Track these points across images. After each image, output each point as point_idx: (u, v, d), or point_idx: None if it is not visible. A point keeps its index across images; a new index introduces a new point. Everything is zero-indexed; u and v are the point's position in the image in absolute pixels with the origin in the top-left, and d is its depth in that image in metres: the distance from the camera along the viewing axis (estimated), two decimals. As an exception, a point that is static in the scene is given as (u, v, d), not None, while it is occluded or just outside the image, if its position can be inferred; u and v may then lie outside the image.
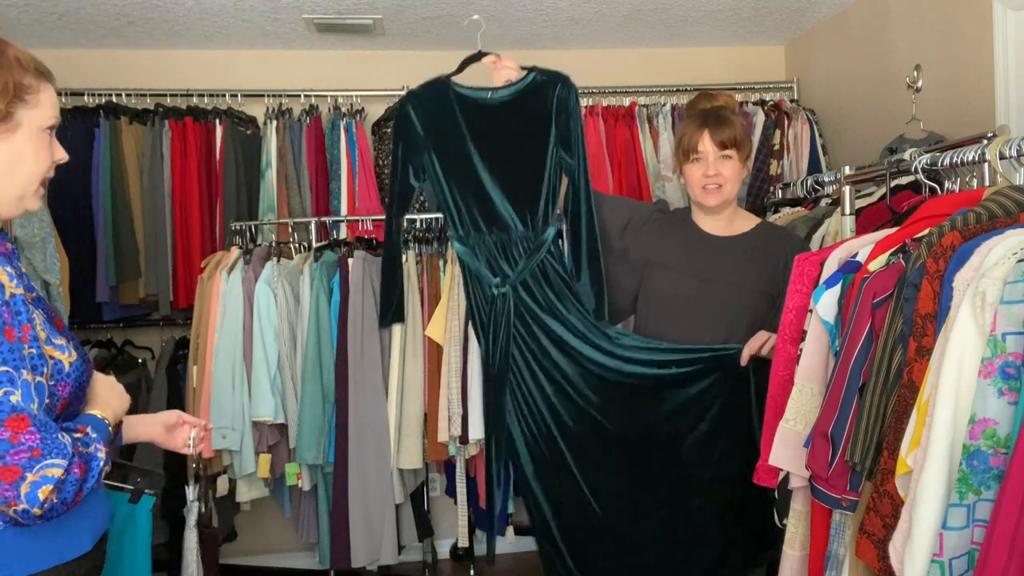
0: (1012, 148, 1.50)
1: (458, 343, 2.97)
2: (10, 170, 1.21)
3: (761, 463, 1.82)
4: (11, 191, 1.23)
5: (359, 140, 3.54)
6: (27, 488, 1.07)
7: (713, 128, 2.09)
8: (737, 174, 2.12)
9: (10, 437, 1.06)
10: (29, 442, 1.07)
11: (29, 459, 1.07)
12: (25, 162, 1.23)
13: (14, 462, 1.07)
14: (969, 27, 2.61)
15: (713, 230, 2.20)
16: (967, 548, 1.18)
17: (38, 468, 1.08)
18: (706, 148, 2.09)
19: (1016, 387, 1.14)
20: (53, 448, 1.09)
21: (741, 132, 2.12)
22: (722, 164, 2.09)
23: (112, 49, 3.63)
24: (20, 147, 1.21)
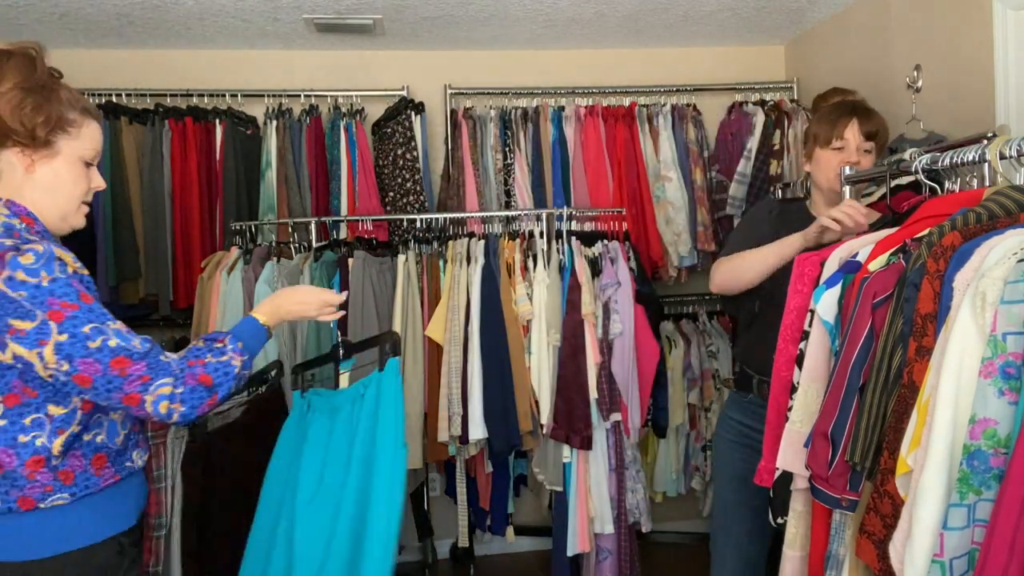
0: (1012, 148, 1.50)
1: (458, 343, 2.98)
2: (52, 190, 1.44)
3: (763, 464, 1.82)
4: (54, 210, 1.45)
5: (359, 140, 3.54)
6: (150, 407, 1.33)
7: (862, 118, 2.09)
8: (870, 166, 2.11)
9: (119, 372, 1.31)
10: (137, 372, 1.32)
11: (141, 384, 1.33)
12: (64, 185, 1.46)
13: (131, 390, 1.32)
14: (969, 27, 2.61)
15: None
16: (967, 548, 1.18)
17: (152, 389, 1.33)
18: (851, 136, 2.10)
19: (1016, 387, 1.14)
20: (158, 370, 1.35)
21: (884, 128, 2.13)
22: (862, 156, 2.10)
23: (112, 49, 3.63)
24: (59, 171, 1.44)
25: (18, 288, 1.29)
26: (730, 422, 2.30)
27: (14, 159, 1.41)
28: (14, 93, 1.38)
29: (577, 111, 3.66)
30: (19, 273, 1.29)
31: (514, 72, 3.83)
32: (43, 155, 1.42)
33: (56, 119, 1.42)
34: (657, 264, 3.61)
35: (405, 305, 3.06)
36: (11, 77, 1.40)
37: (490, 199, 3.59)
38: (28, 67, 1.43)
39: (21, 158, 1.41)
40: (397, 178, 3.51)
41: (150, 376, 1.34)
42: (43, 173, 1.43)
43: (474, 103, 3.74)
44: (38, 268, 1.31)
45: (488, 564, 3.73)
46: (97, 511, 1.38)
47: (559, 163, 3.60)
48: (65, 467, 1.34)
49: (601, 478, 3.02)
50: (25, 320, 1.29)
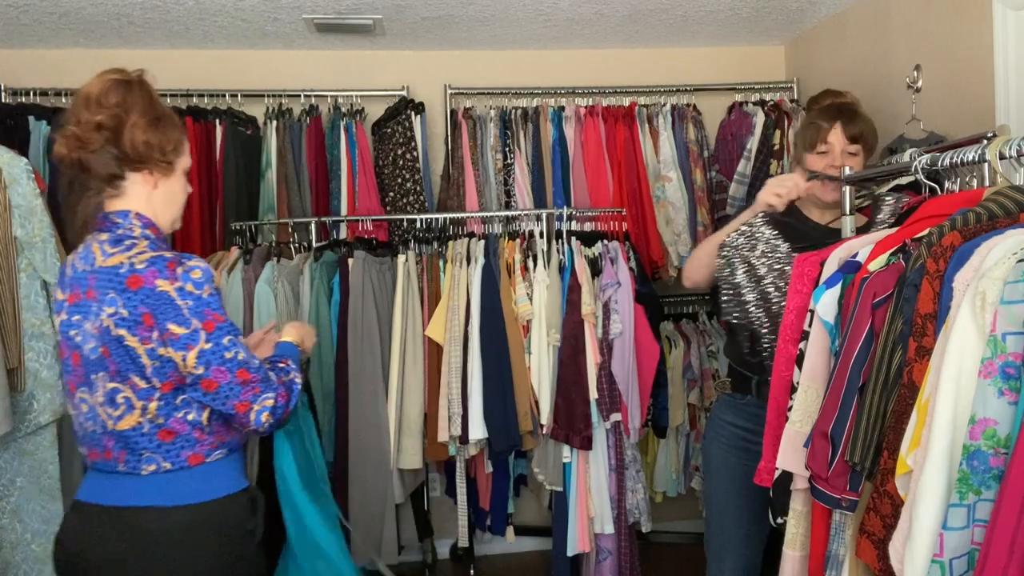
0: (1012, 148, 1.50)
1: (458, 343, 2.98)
2: (169, 201, 1.66)
3: (763, 463, 1.82)
4: (169, 217, 1.68)
5: (359, 140, 3.54)
6: (254, 416, 1.56)
7: (846, 122, 2.09)
8: (859, 168, 2.10)
9: (241, 383, 1.54)
10: (252, 384, 1.55)
11: (253, 395, 1.55)
12: (178, 196, 1.69)
13: (245, 399, 1.55)
14: (969, 27, 2.61)
15: (823, 221, 2.18)
16: (967, 548, 1.18)
17: (260, 400, 1.56)
18: (835, 140, 2.10)
19: (1016, 387, 1.14)
20: (267, 385, 1.58)
21: (870, 129, 2.11)
22: (848, 159, 2.09)
23: (112, 49, 3.63)
24: (174, 185, 1.67)
25: (185, 298, 1.50)
26: (724, 425, 2.26)
27: (140, 179, 1.60)
28: (144, 123, 1.58)
29: (577, 111, 3.66)
30: (189, 285, 1.50)
31: (514, 72, 3.83)
32: (164, 173, 1.64)
33: (176, 142, 1.65)
34: (657, 264, 3.61)
35: (405, 305, 3.06)
36: (138, 107, 1.58)
37: (490, 199, 3.59)
38: (150, 96, 1.62)
39: (148, 178, 1.61)
40: (397, 178, 3.51)
41: (260, 389, 1.57)
42: (163, 188, 1.64)
43: (474, 103, 3.74)
44: (203, 283, 1.52)
45: (488, 564, 3.73)
46: (236, 467, 1.66)
47: (559, 163, 3.60)
48: (215, 430, 1.60)
49: (601, 478, 3.02)
50: (181, 326, 1.49)
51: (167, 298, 1.48)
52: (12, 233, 2.39)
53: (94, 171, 1.57)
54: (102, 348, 1.51)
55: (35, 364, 2.44)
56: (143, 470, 1.55)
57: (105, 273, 1.52)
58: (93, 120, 1.54)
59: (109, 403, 1.53)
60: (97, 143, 1.54)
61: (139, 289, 1.49)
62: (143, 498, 1.54)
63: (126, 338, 1.49)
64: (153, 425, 1.53)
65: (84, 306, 1.54)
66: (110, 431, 1.55)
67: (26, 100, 3.44)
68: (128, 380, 1.52)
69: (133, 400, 1.52)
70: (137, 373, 1.51)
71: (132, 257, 1.51)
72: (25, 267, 2.42)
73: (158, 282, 1.49)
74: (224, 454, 1.61)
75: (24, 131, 3.30)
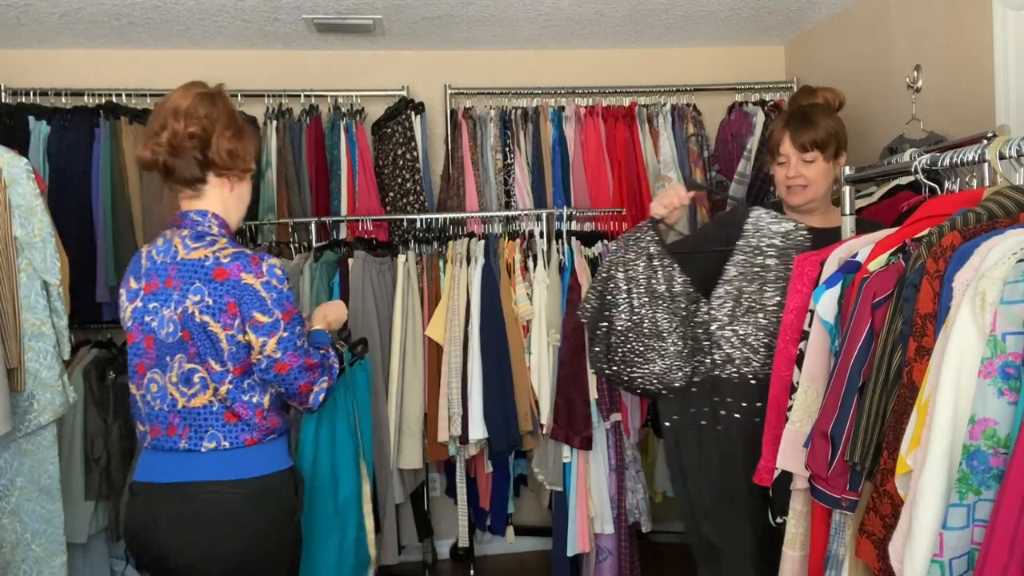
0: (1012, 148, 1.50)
1: (458, 343, 2.98)
2: (240, 203, 1.85)
3: (763, 463, 1.82)
4: (237, 215, 1.85)
5: (359, 140, 3.54)
6: (313, 396, 1.79)
7: (794, 130, 2.06)
8: (823, 174, 2.08)
9: (307, 367, 1.75)
10: (315, 368, 1.78)
11: (314, 378, 1.78)
12: (246, 196, 1.88)
13: (308, 381, 1.77)
14: (969, 27, 2.61)
15: (810, 223, 2.13)
16: (967, 548, 1.18)
17: (319, 383, 1.80)
18: (787, 151, 2.08)
19: (1016, 387, 1.14)
20: (323, 370, 1.81)
21: (826, 132, 2.07)
22: (804, 167, 2.07)
23: (112, 49, 3.63)
24: (244, 187, 1.86)
25: (269, 291, 1.70)
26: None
27: (219, 183, 1.78)
28: (229, 134, 1.75)
29: (577, 111, 3.66)
30: (273, 280, 1.71)
31: (514, 72, 3.83)
32: (239, 178, 1.82)
33: (254, 151, 1.84)
34: (657, 264, 3.60)
35: (405, 305, 3.06)
36: (223, 119, 1.74)
37: (490, 199, 3.59)
38: (231, 109, 1.78)
39: (225, 182, 1.79)
40: (397, 178, 3.51)
41: (319, 373, 1.79)
42: (237, 191, 1.83)
43: (474, 103, 3.74)
44: (283, 278, 1.74)
45: (488, 564, 3.73)
46: (282, 449, 1.83)
47: (559, 163, 3.60)
48: (271, 416, 1.77)
49: (601, 478, 3.02)
50: (265, 315, 1.69)
51: (252, 290, 1.68)
52: (12, 233, 2.39)
53: (178, 175, 1.74)
54: (183, 332, 1.69)
55: (35, 364, 2.43)
56: (203, 447, 1.72)
57: (189, 265, 1.70)
58: (185, 131, 1.70)
59: (184, 382, 1.71)
60: (187, 151, 1.71)
61: (224, 281, 1.67)
62: (200, 473, 1.71)
63: (210, 324, 1.67)
64: (221, 406, 1.72)
65: (163, 294, 1.72)
66: (179, 409, 1.72)
67: (26, 100, 3.44)
68: (206, 363, 1.70)
69: (208, 381, 1.70)
70: (215, 356, 1.69)
71: (216, 252, 1.70)
72: (25, 267, 2.42)
73: (243, 275, 1.68)
74: (275, 438, 1.79)
75: (24, 131, 3.30)
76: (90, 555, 3.25)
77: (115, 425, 3.21)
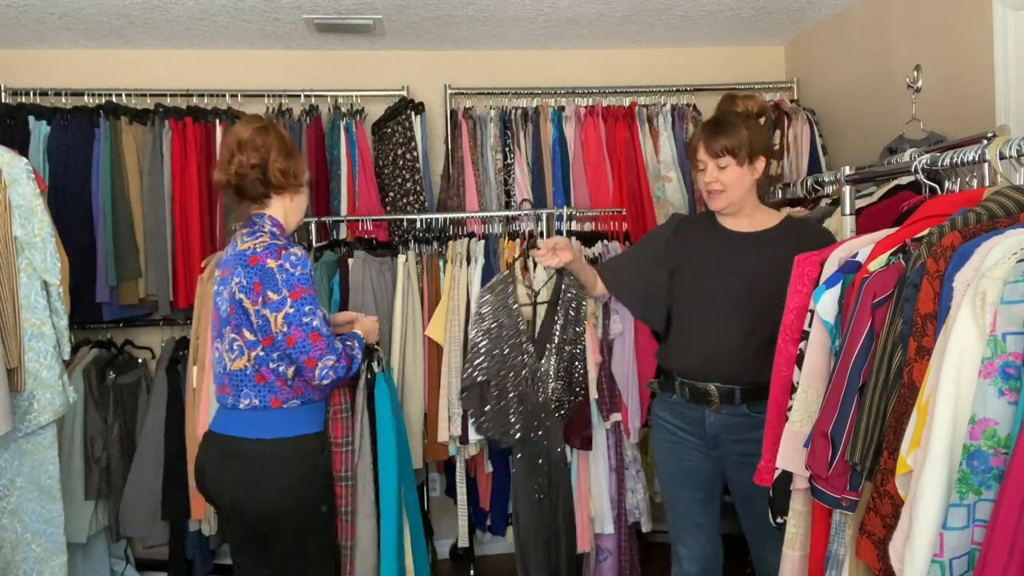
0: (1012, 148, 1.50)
1: (458, 343, 2.98)
2: (298, 210, 2.23)
3: (763, 463, 1.82)
4: (295, 219, 2.23)
5: (359, 140, 3.54)
6: (318, 371, 2.02)
7: (707, 138, 2.16)
8: (739, 178, 2.15)
9: (312, 341, 2.01)
10: (321, 345, 2.02)
11: (320, 354, 2.01)
12: (303, 205, 2.25)
13: (313, 356, 2.01)
14: (969, 27, 2.61)
15: (736, 227, 2.24)
16: (967, 548, 1.18)
17: (323, 359, 2.02)
18: (703, 157, 2.18)
19: (1016, 387, 1.14)
20: (332, 349, 2.04)
21: (739, 139, 2.13)
22: (720, 172, 2.15)
23: (112, 49, 3.63)
24: (301, 197, 2.23)
25: (282, 272, 2.00)
26: (661, 423, 2.33)
27: (279, 197, 2.17)
28: (281, 159, 2.12)
29: (577, 111, 3.66)
30: (287, 264, 2.01)
31: (514, 72, 3.83)
32: (296, 191, 2.20)
33: (304, 168, 2.22)
34: (657, 264, 3.60)
35: (405, 305, 3.06)
36: (275, 147, 2.12)
37: (490, 199, 3.59)
38: (282, 136, 2.15)
39: (285, 195, 2.18)
40: (397, 178, 3.51)
41: (326, 350, 2.02)
42: (296, 201, 2.21)
43: (474, 103, 3.74)
44: (297, 264, 2.02)
45: (488, 564, 3.73)
46: (310, 414, 2.13)
47: (559, 163, 3.60)
48: (295, 385, 2.07)
49: (601, 478, 3.02)
50: (275, 293, 2.00)
51: (271, 272, 2.00)
52: (12, 233, 2.39)
53: (247, 194, 2.14)
54: (229, 308, 2.06)
55: (35, 364, 2.44)
56: (241, 404, 2.07)
57: (238, 255, 2.07)
58: (248, 161, 2.09)
59: (229, 349, 2.08)
60: (251, 176, 2.10)
61: (255, 265, 2.02)
62: (239, 429, 2.07)
63: (244, 301, 2.03)
64: (253, 369, 2.06)
65: (225, 280, 2.09)
66: (228, 371, 2.09)
67: (26, 100, 3.44)
68: (241, 332, 2.05)
69: (244, 348, 2.05)
70: (248, 327, 2.04)
71: (256, 244, 2.06)
72: (25, 267, 2.42)
73: (268, 261, 2.01)
74: (298, 404, 2.09)
75: (24, 131, 3.30)
76: (90, 555, 3.25)
77: (115, 425, 3.21)
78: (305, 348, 2.00)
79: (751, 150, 2.15)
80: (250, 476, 2.03)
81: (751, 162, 2.16)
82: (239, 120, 2.24)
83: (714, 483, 2.28)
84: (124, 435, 3.24)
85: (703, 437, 2.22)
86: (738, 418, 2.16)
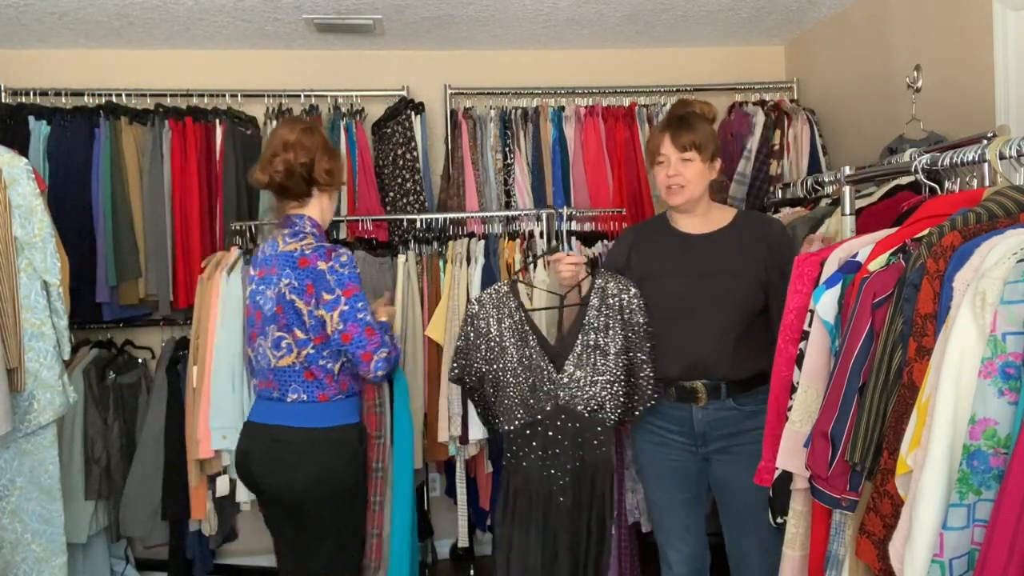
0: (1012, 148, 1.50)
1: (458, 343, 2.97)
2: (332, 208, 2.35)
3: (763, 463, 1.83)
4: (328, 216, 2.34)
5: (359, 140, 3.54)
6: (374, 363, 2.14)
7: (674, 132, 2.19)
8: (700, 175, 2.19)
9: (367, 335, 2.13)
10: (376, 339, 2.14)
11: (375, 347, 2.13)
12: (335, 203, 2.39)
13: (369, 350, 2.12)
14: (969, 27, 2.61)
15: (691, 228, 2.27)
16: (967, 548, 1.18)
17: (379, 352, 2.14)
18: (667, 151, 2.19)
19: (1016, 387, 1.14)
20: (382, 343, 2.15)
21: (704, 136, 2.19)
22: (683, 166, 2.18)
23: (112, 49, 3.63)
24: (335, 196, 2.37)
25: (333, 274, 2.12)
26: (645, 425, 2.32)
27: (319, 195, 2.27)
28: (327, 159, 2.25)
29: (577, 111, 3.66)
30: (336, 265, 2.13)
31: (514, 72, 3.83)
32: (334, 189, 2.32)
33: (343, 167, 2.36)
34: (657, 264, 3.60)
35: (405, 305, 3.06)
36: (320, 147, 2.24)
37: (490, 199, 3.59)
38: (324, 137, 2.28)
39: (323, 194, 2.29)
40: (397, 178, 3.51)
41: (380, 343, 2.14)
42: (332, 199, 2.33)
43: (474, 103, 3.74)
44: (346, 264, 2.15)
45: (488, 564, 3.72)
46: (351, 407, 2.27)
47: (559, 163, 3.60)
48: (341, 380, 2.22)
49: (601, 478, 3.01)
50: (330, 293, 2.12)
51: (322, 274, 2.12)
52: (12, 233, 2.39)
53: (291, 192, 2.24)
54: (277, 307, 2.17)
55: (35, 364, 2.44)
56: (288, 398, 2.20)
57: (285, 256, 2.17)
58: (296, 160, 2.19)
59: (275, 347, 2.19)
60: (298, 174, 2.21)
61: (306, 268, 2.13)
62: (285, 419, 2.20)
63: (296, 301, 2.13)
64: (302, 366, 2.18)
65: (268, 279, 2.20)
66: (272, 367, 2.21)
67: (26, 100, 3.44)
68: (292, 332, 2.16)
69: (293, 346, 2.17)
70: (300, 327, 2.15)
71: (303, 246, 2.17)
72: (25, 267, 2.42)
73: (319, 263, 2.13)
74: (343, 398, 2.23)
75: (24, 131, 3.30)
76: (90, 555, 3.25)
77: (115, 425, 3.21)
78: (362, 343, 2.12)
79: (714, 149, 2.22)
80: (296, 460, 2.18)
81: (711, 160, 2.22)
82: (282, 122, 2.38)
83: (700, 483, 2.29)
84: (124, 435, 3.24)
85: (691, 435, 2.22)
86: (725, 412, 2.18)
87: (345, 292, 2.12)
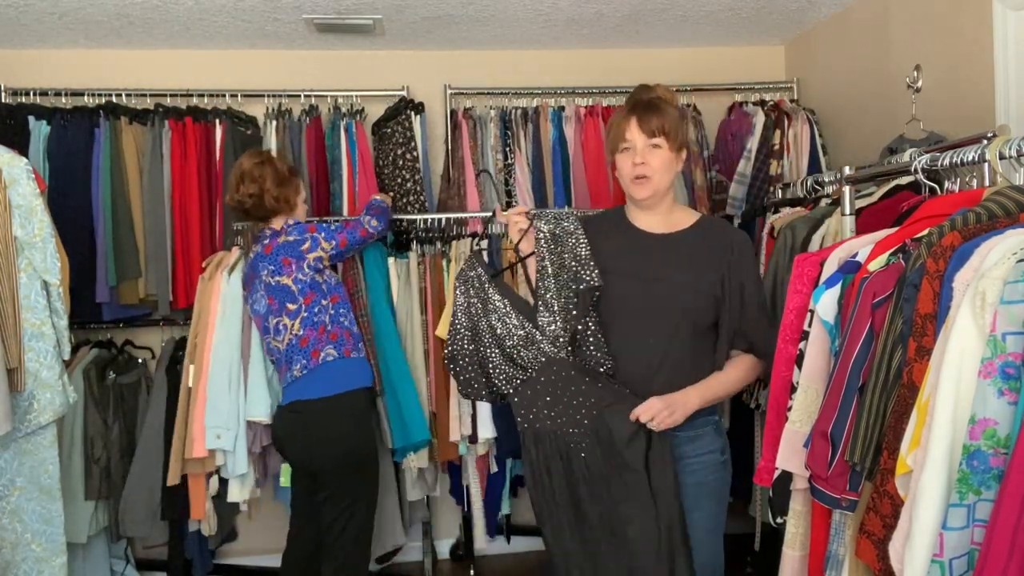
0: (1012, 148, 1.50)
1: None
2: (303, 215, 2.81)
3: (763, 463, 1.82)
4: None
5: (359, 140, 3.54)
6: (367, 227, 2.75)
7: (641, 115, 1.95)
8: (667, 165, 1.96)
9: (353, 224, 2.74)
10: (357, 220, 2.79)
11: (361, 222, 2.75)
12: (301, 218, 2.78)
13: (361, 225, 2.74)
14: (969, 27, 2.61)
15: (651, 227, 2.03)
16: (967, 548, 1.18)
17: (367, 222, 2.76)
18: (633, 136, 1.95)
19: (1016, 387, 1.14)
20: (364, 219, 2.76)
21: (673, 122, 1.96)
22: (650, 154, 1.94)
23: (112, 49, 3.63)
24: (300, 212, 2.78)
25: (293, 233, 2.60)
26: None
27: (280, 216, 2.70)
28: (275, 187, 2.64)
29: (577, 111, 3.66)
30: (291, 230, 2.60)
31: (514, 72, 3.83)
32: (292, 211, 2.73)
33: (297, 192, 2.76)
34: (657, 264, 3.60)
35: (405, 305, 3.06)
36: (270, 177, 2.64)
37: (491, 199, 3.59)
38: (275, 167, 2.67)
39: (282, 216, 2.70)
40: (397, 178, 3.51)
41: (362, 220, 2.77)
42: (294, 215, 2.73)
43: (474, 103, 3.74)
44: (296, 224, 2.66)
45: (488, 564, 3.73)
46: (360, 370, 2.63)
47: (559, 163, 3.60)
48: (334, 330, 2.55)
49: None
50: (305, 242, 2.57)
51: (288, 242, 2.56)
52: (12, 233, 2.39)
53: (251, 215, 2.68)
54: (268, 299, 2.54)
55: (35, 364, 2.43)
56: (295, 373, 2.54)
57: (258, 257, 2.60)
58: (247, 191, 2.62)
59: (275, 333, 2.56)
60: (253, 202, 2.63)
61: (272, 250, 2.55)
62: (297, 395, 2.55)
63: (282, 280, 2.51)
64: (295, 337, 2.52)
65: (254, 286, 2.60)
66: (281, 352, 2.55)
67: (26, 100, 3.44)
68: (284, 308, 2.51)
69: (286, 323, 2.51)
70: (290, 299, 2.51)
71: (262, 247, 2.60)
72: (25, 267, 2.42)
73: (278, 239, 2.57)
74: (338, 357, 2.56)
75: (24, 131, 3.30)
76: (90, 555, 3.25)
77: (115, 425, 3.21)
78: (354, 230, 2.69)
79: (681, 139, 2.01)
80: (311, 433, 2.51)
81: (679, 151, 2.00)
82: (244, 154, 2.75)
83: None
84: (124, 435, 3.24)
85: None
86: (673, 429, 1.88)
87: (311, 228, 2.60)
